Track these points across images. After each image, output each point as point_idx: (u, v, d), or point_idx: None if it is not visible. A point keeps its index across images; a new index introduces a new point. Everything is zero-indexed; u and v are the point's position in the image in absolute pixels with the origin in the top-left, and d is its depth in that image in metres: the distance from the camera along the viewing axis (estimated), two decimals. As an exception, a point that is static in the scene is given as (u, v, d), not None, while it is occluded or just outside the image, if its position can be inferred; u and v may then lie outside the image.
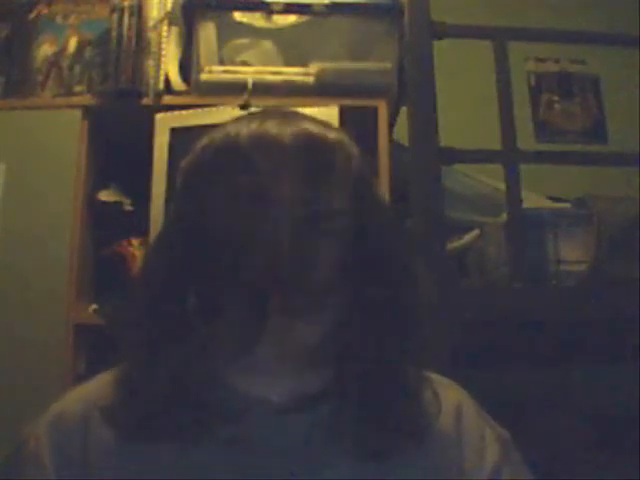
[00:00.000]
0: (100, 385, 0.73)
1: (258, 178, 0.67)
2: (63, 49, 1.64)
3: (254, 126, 0.70)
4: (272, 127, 0.70)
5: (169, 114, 1.50)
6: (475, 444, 0.75)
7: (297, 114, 0.75)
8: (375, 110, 1.53)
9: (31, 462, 0.68)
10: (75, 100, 1.59)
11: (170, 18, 1.61)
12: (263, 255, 0.65)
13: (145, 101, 1.55)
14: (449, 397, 0.78)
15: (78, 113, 1.56)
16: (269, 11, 1.58)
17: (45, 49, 1.65)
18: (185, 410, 0.67)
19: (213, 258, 0.68)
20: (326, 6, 1.57)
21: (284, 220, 0.66)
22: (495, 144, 1.41)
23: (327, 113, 1.45)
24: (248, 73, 1.53)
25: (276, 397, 0.71)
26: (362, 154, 0.74)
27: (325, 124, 0.74)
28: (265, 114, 0.74)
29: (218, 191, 0.69)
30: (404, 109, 1.54)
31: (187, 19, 1.58)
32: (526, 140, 1.50)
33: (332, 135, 0.72)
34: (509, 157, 1.39)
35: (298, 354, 0.70)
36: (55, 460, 0.68)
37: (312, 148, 0.69)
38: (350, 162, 0.72)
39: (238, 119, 0.74)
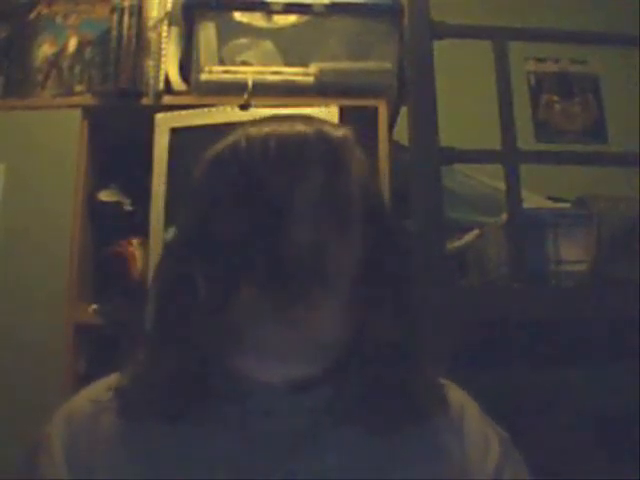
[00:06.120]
0: (108, 385, 0.75)
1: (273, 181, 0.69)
2: (63, 49, 1.64)
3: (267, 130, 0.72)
4: (281, 129, 0.72)
5: (169, 114, 1.50)
6: (478, 444, 0.75)
7: (299, 117, 0.76)
8: (375, 110, 1.53)
9: (45, 460, 0.71)
10: (75, 100, 1.59)
11: (170, 18, 1.61)
12: (281, 250, 0.67)
13: (145, 101, 1.55)
14: (452, 396, 0.78)
15: (78, 113, 1.56)
16: (269, 11, 1.58)
17: (45, 49, 1.64)
18: (189, 393, 0.69)
19: (231, 250, 0.69)
20: (326, 6, 1.57)
21: (302, 217, 0.68)
22: (495, 144, 1.41)
23: (327, 113, 1.46)
24: (248, 73, 1.53)
25: (279, 380, 0.72)
26: (366, 153, 0.77)
27: (329, 123, 0.76)
28: (269, 120, 0.75)
29: (237, 195, 0.70)
30: (404, 109, 1.54)
31: (187, 19, 1.58)
32: (526, 140, 1.50)
33: (342, 134, 0.74)
34: (509, 157, 1.39)
35: (305, 341, 0.71)
36: (66, 456, 0.70)
37: (327, 150, 0.72)
38: (361, 163, 0.75)
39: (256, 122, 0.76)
